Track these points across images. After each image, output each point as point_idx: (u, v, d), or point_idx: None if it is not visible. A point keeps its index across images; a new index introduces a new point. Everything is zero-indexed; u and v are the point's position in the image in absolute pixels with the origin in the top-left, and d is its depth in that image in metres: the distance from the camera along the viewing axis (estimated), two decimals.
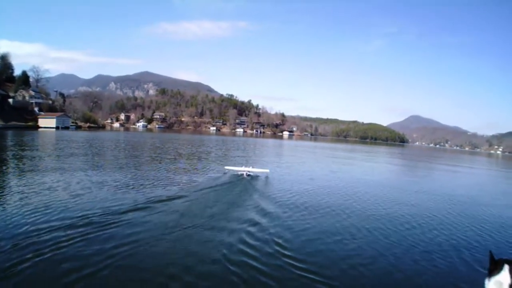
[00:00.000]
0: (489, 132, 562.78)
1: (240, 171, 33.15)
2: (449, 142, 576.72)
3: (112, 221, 15.63)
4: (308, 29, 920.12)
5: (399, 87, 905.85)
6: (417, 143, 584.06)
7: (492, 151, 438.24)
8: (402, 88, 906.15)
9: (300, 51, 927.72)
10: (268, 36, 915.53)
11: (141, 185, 25.21)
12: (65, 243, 12.85)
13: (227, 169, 34.95)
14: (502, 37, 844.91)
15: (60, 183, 23.85)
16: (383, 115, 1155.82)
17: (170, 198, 21.04)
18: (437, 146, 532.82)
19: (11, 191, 20.59)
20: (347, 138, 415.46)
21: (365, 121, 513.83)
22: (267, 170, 34.80)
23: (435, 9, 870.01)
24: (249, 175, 32.31)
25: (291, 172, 39.97)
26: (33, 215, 15.92)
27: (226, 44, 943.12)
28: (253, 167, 34.45)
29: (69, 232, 13.98)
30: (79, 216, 16.02)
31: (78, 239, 13.34)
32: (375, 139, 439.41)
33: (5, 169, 29.62)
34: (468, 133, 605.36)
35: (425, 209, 22.96)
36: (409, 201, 25.95)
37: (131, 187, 23.91)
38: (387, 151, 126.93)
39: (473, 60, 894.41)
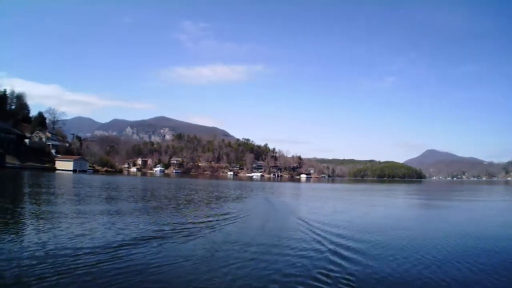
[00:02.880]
0: (505, 159, 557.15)
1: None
2: (466, 174, 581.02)
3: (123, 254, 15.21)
4: (320, 71, 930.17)
5: (413, 123, 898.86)
6: (434, 177, 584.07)
7: (509, 178, 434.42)
8: (416, 123, 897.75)
9: (314, 93, 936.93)
10: (282, 79, 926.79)
11: (157, 222, 24.58)
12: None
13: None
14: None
15: (78, 221, 23.71)
16: (399, 152, 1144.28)
17: (195, 232, 21.34)
18: (454, 179, 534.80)
19: (29, 226, 20.80)
20: (365, 178, 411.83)
21: (382, 160, 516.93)
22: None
23: (442, 42, 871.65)
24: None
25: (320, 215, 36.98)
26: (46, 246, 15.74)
27: (242, 87, 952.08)
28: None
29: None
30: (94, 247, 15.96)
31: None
32: (393, 176, 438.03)
33: (22, 207, 30.19)
34: (484, 163, 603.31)
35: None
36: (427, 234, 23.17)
37: (148, 225, 23.25)
38: (404, 188, 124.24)
39: (483, 88, 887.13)
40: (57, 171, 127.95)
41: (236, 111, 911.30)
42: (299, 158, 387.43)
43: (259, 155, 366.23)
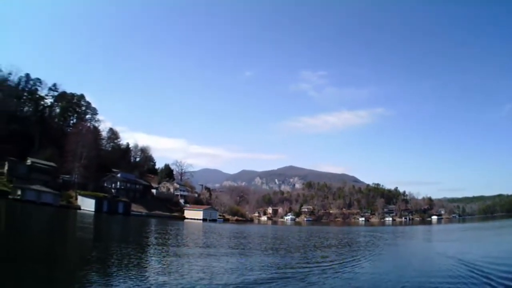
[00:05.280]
0: None
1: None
2: None
3: None
4: (439, 108, 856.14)
5: None
6: None
7: None
8: None
9: (436, 131, 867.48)
10: (404, 120, 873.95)
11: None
12: None
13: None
14: None
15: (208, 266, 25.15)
16: None
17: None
18: None
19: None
20: (494, 214, 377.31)
21: (510, 193, 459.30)
22: None
23: None
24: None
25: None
26: None
27: (366, 132, 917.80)
28: None
29: None
30: None
31: None
32: None
33: (147, 250, 33.62)
34: None
35: None
36: None
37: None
38: None
39: None
40: (186, 220, 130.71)
41: (363, 156, 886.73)
42: (430, 199, 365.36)
43: (390, 199, 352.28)
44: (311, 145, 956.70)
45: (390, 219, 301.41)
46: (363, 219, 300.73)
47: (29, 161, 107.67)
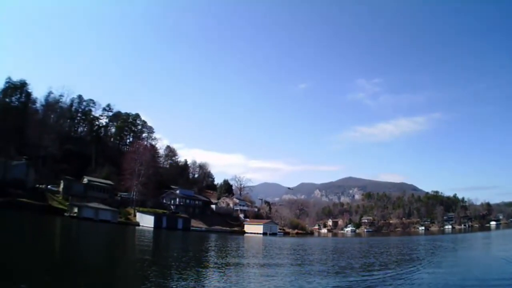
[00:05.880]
0: None
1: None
2: None
3: None
4: (495, 110, 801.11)
5: None
6: None
7: None
8: None
9: (492, 133, 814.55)
10: (461, 124, 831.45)
11: None
12: None
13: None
14: None
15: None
16: None
17: None
18: None
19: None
20: None
21: None
22: None
23: None
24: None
25: None
26: None
27: (425, 138, 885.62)
28: None
29: None
30: None
31: None
32: None
33: (205, 263, 33.75)
34: None
35: None
36: None
37: None
38: None
39: None
40: (246, 234, 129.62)
41: (421, 163, 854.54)
42: (488, 204, 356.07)
43: (449, 206, 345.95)
44: (369, 155, 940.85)
45: (450, 227, 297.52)
46: (423, 228, 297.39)
47: (85, 180, 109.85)
